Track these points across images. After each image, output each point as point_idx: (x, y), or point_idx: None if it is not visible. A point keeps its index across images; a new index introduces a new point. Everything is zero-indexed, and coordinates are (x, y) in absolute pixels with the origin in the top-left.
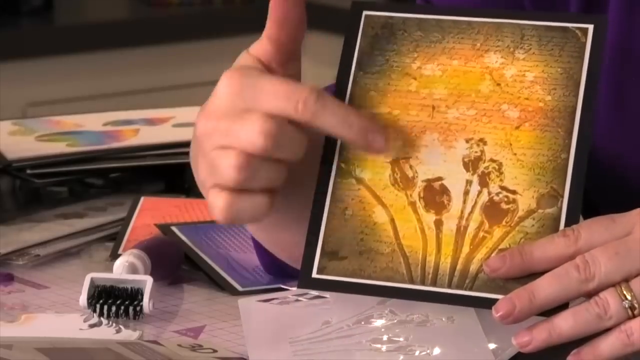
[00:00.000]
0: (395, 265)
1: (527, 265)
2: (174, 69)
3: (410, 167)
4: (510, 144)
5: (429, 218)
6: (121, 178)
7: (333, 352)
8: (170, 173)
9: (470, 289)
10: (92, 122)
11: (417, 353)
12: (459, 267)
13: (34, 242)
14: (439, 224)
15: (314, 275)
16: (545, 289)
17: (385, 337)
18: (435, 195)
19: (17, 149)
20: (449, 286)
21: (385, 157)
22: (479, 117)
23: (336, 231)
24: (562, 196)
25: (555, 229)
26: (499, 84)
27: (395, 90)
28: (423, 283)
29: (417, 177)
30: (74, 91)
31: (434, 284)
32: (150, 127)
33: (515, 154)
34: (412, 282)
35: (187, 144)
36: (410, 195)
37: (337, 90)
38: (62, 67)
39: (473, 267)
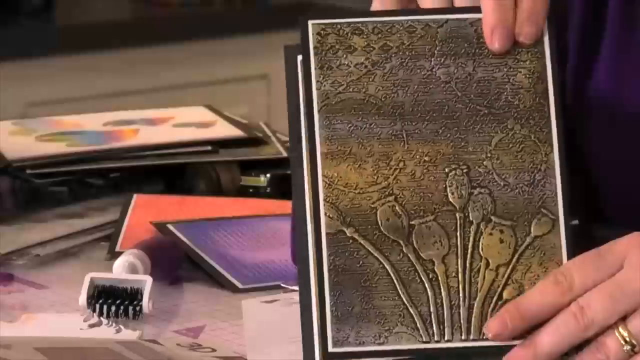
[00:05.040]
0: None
1: (528, 322)
2: (174, 69)
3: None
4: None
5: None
6: (121, 178)
7: None
8: (170, 173)
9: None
10: (92, 122)
11: None
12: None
13: (34, 242)
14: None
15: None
16: (547, 342)
17: None
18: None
19: (17, 149)
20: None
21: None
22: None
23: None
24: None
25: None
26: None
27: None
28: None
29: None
30: (74, 91)
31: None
32: (150, 127)
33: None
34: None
35: (187, 144)
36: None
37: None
38: (62, 67)
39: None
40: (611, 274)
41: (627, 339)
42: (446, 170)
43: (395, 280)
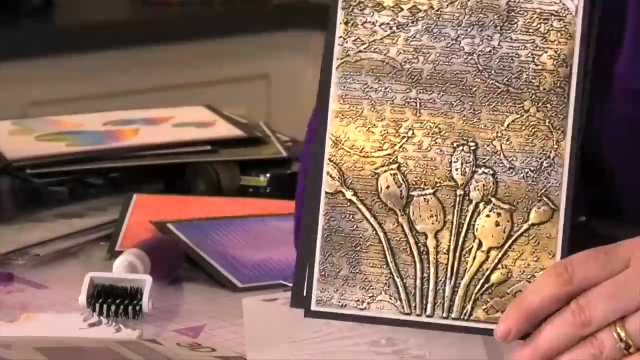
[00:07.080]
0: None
1: (532, 317)
2: (174, 69)
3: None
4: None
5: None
6: (121, 178)
7: (331, 353)
8: (170, 173)
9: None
10: (92, 122)
11: (413, 356)
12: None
13: (34, 242)
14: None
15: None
16: (546, 341)
17: (384, 341)
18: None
19: (17, 149)
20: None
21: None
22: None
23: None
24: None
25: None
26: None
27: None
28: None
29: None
30: (74, 91)
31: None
32: (150, 127)
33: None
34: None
35: (187, 144)
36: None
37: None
38: (62, 67)
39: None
40: (613, 274)
41: (623, 338)
42: (454, 145)
43: (385, 249)
